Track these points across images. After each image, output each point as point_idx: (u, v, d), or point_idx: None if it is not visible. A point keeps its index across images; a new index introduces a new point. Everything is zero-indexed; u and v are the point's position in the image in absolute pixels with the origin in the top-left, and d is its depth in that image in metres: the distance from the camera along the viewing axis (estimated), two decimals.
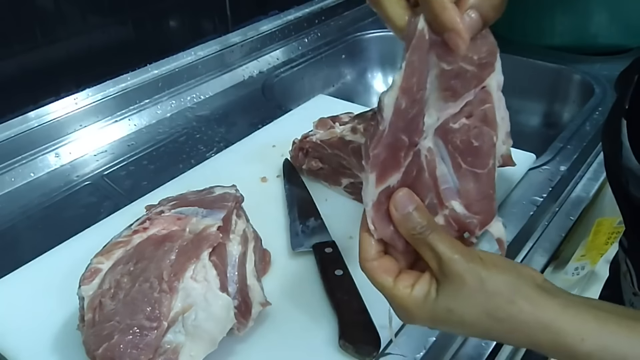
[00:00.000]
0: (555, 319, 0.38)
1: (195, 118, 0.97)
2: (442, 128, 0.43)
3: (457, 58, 0.40)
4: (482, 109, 0.43)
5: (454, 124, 0.43)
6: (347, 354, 0.53)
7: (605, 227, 0.88)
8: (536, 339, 0.39)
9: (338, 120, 0.77)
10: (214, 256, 0.53)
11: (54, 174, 0.83)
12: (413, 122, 0.40)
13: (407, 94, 0.38)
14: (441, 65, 0.39)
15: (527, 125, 1.15)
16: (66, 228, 0.70)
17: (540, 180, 0.79)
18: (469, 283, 0.40)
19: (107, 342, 0.47)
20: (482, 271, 0.40)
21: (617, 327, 0.38)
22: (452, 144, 0.43)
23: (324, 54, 1.19)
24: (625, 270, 0.64)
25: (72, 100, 0.89)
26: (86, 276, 0.52)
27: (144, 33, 0.97)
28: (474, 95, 0.42)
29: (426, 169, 0.43)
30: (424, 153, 0.43)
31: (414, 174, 0.43)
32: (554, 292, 0.40)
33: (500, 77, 0.43)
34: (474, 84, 0.41)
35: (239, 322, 0.52)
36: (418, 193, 0.43)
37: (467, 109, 0.42)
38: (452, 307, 0.41)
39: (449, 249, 0.41)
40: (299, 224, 0.68)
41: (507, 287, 0.40)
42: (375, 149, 0.40)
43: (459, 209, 0.45)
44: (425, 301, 0.42)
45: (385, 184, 0.41)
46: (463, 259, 0.41)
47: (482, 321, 0.40)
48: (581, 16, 1.11)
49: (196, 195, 0.62)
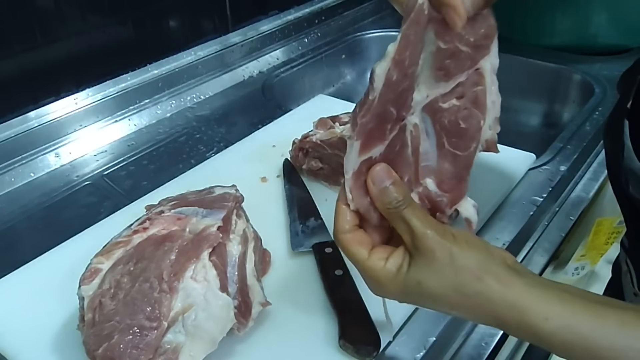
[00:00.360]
0: (520, 297, 0.39)
1: (195, 118, 0.97)
2: (431, 106, 0.42)
3: (454, 37, 0.40)
4: (474, 91, 0.43)
5: (444, 103, 0.42)
6: (347, 354, 0.53)
7: (605, 227, 0.88)
8: (501, 316, 0.39)
9: (338, 120, 0.77)
10: (214, 256, 0.53)
11: (54, 174, 0.83)
12: (402, 96, 0.41)
13: (399, 67, 0.39)
14: (437, 43, 0.39)
15: (527, 125, 1.15)
16: (66, 228, 0.70)
17: (540, 180, 0.79)
18: (439, 257, 0.41)
19: (107, 342, 0.47)
20: (453, 247, 0.41)
21: (581, 309, 0.38)
22: (440, 123, 0.43)
23: (324, 54, 1.19)
24: (626, 270, 0.64)
25: (72, 100, 0.89)
26: (86, 276, 0.52)
27: (144, 33, 0.97)
28: (466, 77, 0.42)
29: (410, 145, 0.44)
30: (410, 129, 0.43)
31: (397, 149, 0.43)
32: (522, 273, 0.41)
33: (495, 60, 0.42)
34: (467, 65, 0.41)
35: (239, 322, 0.52)
36: (398, 168, 0.44)
37: (459, 89, 0.42)
38: (422, 279, 0.42)
39: (422, 224, 0.42)
40: (299, 224, 0.68)
41: (476, 264, 0.41)
42: (363, 117, 0.40)
43: (432, 187, 0.45)
44: (397, 274, 0.43)
45: (368, 154, 0.42)
46: (436, 234, 0.42)
47: (449, 295, 0.41)
48: (581, 16, 1.11)
49: (196, 195, 0.62)
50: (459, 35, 0.39)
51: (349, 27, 1.28)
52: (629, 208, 0.57)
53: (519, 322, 0.39)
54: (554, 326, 0.38)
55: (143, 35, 0.97)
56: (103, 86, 0.92)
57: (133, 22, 0.95)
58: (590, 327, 0.37)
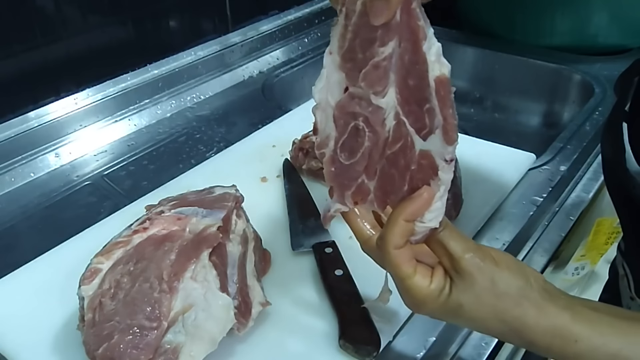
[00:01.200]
0: (553, 322, 0.40)
1: (195, 118, 0.97)
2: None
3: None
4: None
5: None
6: (347, 354, 0.53)
7: (605, 227, 0.88)
8: (534, 340, 0.41)
9: None
10: (214, 256, 0.53)
11: (54, 174, 0.83)
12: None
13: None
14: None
15: (527, 125, 1.15)
16: (66, 228, 0.70)
17: (540, 180, 0.79)
18: (480, 282, 0.41)
19: (107, 342, 0.47)
20: (494, 272, 0.41)
21: (609, 329, 0.40)
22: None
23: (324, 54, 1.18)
24: (623, 274, 0.64)
25: (72, 100, 0.89)
26: (86, 276, 0.52)
27: (144, 33, 0.97)
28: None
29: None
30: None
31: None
32: (554, 295, 0.42)
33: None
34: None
35: (239, 322, 0.52)
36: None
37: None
38: (464, 303, 0.42)
39: (461, 247, 0.42)
40: (299, 224, 0.68)
41: (516, 291, 0.41)
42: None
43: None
44: (440, 295, 0.43)
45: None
46: (476, 257, 0.42)
47: (488, 319, 0.42)
48: (581, 16, 1.11)
49: (196, 195, 0.62)
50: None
51: None
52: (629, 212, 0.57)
53: (550, 345, 0.40)
54: (583, 348, 0.39)
55: (143, 35, 0.97)
56: (103, 86, 0.92)
57: (133, 22, 0.95)
58: (617, 347, 0.39)
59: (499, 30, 1.18)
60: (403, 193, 0.44)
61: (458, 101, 0.40)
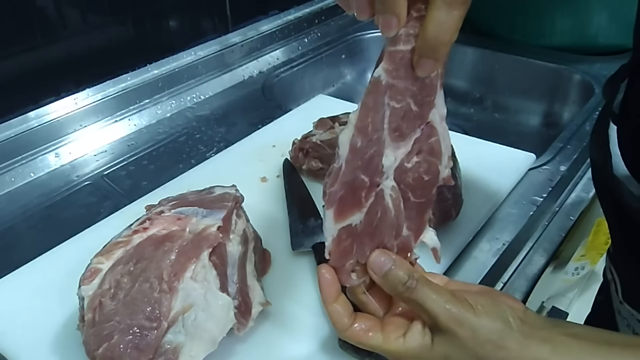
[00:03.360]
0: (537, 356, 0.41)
1: (195, 118, 0.97)
2: (399, 168, 0.45)
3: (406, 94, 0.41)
4: (429, 143, 0.45)
5: (408, 163, 0.45)
6: (347, 354, 0.53)
7: (605, 227, 0.88)
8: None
9: (338, 120, 0.77)
10: (214, 256, 0.53)
11: (54, 174, 0.83)
12: (372, 163, 0.42)
13: (362, 133, 0.40)
14: (391, 105, 0.41)
15: (527, 125, 1.15)
16: (66, 228, 0.70)
17: (540, 180, 0.79)
18: (461, 334, 0.42)
19: (107, 342, 0.47)
20: (473, 322, 0.42)
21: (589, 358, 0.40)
22: (404, 183, 0.45)
23: (324, 54, 1.19)
24: (611, 279, 0.64)
25: (72, 100, 0.89)
26: (86, 276, 0.52)
27: (144, 33, 0.97)
28: (420, 132, 0.44)
29: (392, 208, 0.46)
30: (389, 192, 0.45)
31: (378, 215, 0.45)
32: (534, 326, 0.42)
33: (442, 110, 0.44)
34: (418, 124, 0.43)
35: (239, 322, 0.52)
36: (383, 232, 0.46)
37: (416, 146, 0.45)
38: (449, 354, 0.43)
39: (437, 303, 0.43)
40: (299, 224, 0.68)
41: (497, 334, 0.42)
42: (332, 186, 0.42)
43: (405, 232, 0.48)
44: (422, 350, 0.44)
45: (345, 221, 0.43)
46: (454, 310, 0.42)
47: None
48: (581, 16, 1.11)
49: (196, 195, 0.62)
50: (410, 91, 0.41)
51: (349, 27, 1.28)
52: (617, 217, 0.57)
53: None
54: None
55: (143, 35, 0.97)
56: (103, 86, 0.92)
57: (133, 22, 0.95)
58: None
59: (499, 30, 1.18)
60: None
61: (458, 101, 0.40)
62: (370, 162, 0.42)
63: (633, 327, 0.61)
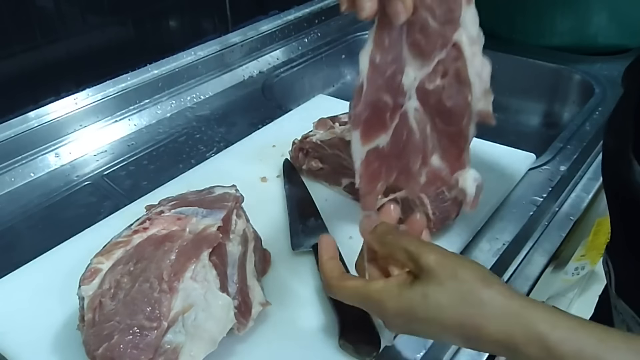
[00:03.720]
0: (525, 308, 0.40)
1: (195, 118, 0.97)
2: (420, 89, 0.43)
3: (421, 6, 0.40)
4: (455, 67, 0.42)
5: (429, 84, 0.43)
6: (347, 354, 0.53)
7: (605, 227, 0.88)
8: (509, 328, 0.39)
9: (338, 120, 0.77)
10: (214, 256, 0.53)
11: (54, 174, 0.83)
12: (393, 81, 0.41)
13: (380, 47, 0.39)
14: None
15: (527, 125, 1.15)
16: (66, 228, 0.70)
17: (540, 180, 0.79)
18: (442, 272, 0.42)
19: (107, 342, 0.47)
20: (456, 263, 0.42)
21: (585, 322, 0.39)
22: (428, 105, 0.43)
23: (324, 54, 1.19)
24: (606, 271, 0.64)
25: (72, 100, 0.89)
26: (86, 276, 0.52)
27: (144, 33, 0.97)
28: (445, 54, 0.42)
29: (417, 130, 0.44)
30: (413, 114, 0.43)
31: (404, 137, 0.43)
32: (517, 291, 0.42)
33: (471, 31, 0.41)
34: (439, 43, 0.41)
35: (239, 322, 0.52)
36: (409, 155, 0.44)
37: (440, 68, 0.42)
38: (428, 292, 0.42)
39: (422, 245, 0.44)
40: (299, 224, 0.68)
41: (481, 275, 0.42)
42: (356, 107, 0.41)
43: (436, 163, 0.46)
44: (400, 290, 0.43)
45: (372, 143, 0.42)
46: (438, 252, 0.43)
47: (456, 306, 0.41)
48: (581, 16, 1.11)
49: (196, 195, 0.62)
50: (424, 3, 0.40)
51: (349, 27, 1.28)
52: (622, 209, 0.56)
53: (528, 333, 0.38)
54: (564, 333, 0.38)
55: (143, 35, 0.97)
56: (103, 86, 0.92)
57: (133, 22, 0.95)
58: (598, 337, 0.37)
59: (499, 30, 1.18)
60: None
61: None
62: (392, 80, 0.41)
63: (627, 322, 0.61)
